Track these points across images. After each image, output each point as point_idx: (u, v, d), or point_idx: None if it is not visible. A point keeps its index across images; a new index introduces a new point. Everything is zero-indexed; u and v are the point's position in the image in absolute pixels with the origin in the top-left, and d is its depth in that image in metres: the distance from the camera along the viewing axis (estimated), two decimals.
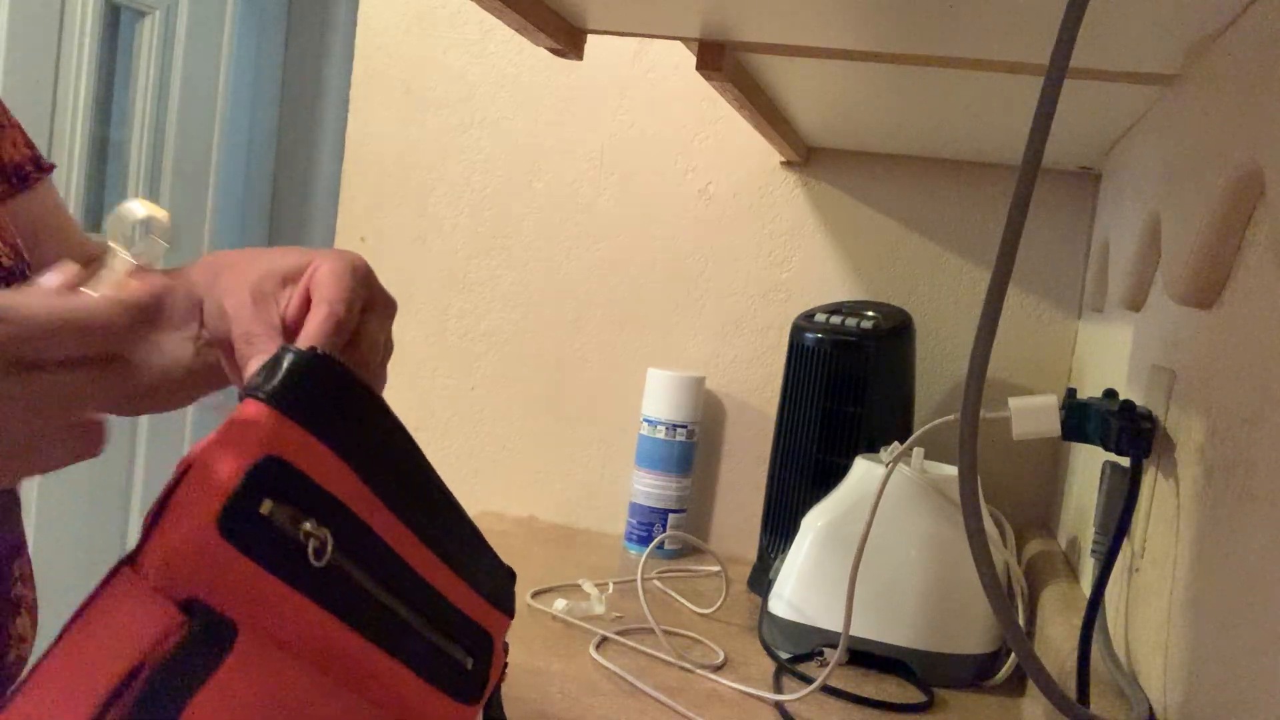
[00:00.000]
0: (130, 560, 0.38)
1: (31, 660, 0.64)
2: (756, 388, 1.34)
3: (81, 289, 0.41)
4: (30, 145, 0.74)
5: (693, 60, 0.86)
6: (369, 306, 0.54)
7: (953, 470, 1.02)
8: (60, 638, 0.36)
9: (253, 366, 0.49)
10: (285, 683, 0.41)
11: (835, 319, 1.15)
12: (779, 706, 0.86)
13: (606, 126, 1.38)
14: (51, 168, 0.74)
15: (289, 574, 0.41)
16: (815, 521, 1.00)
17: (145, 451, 2.46)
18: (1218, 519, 0.55)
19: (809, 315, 1.17)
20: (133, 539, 2.93)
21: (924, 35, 0.74)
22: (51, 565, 2.25)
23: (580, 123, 1.39)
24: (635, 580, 1.06)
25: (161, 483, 0.38)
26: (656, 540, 1.26)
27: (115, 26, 2.37)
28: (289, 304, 0.53)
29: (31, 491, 2.24)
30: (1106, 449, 0.70)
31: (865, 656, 0.96)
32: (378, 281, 0.55)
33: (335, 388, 0.45)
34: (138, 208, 0.47)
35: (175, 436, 2.53)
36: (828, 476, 1.10)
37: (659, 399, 1.28)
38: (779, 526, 1.17)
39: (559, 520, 1.41)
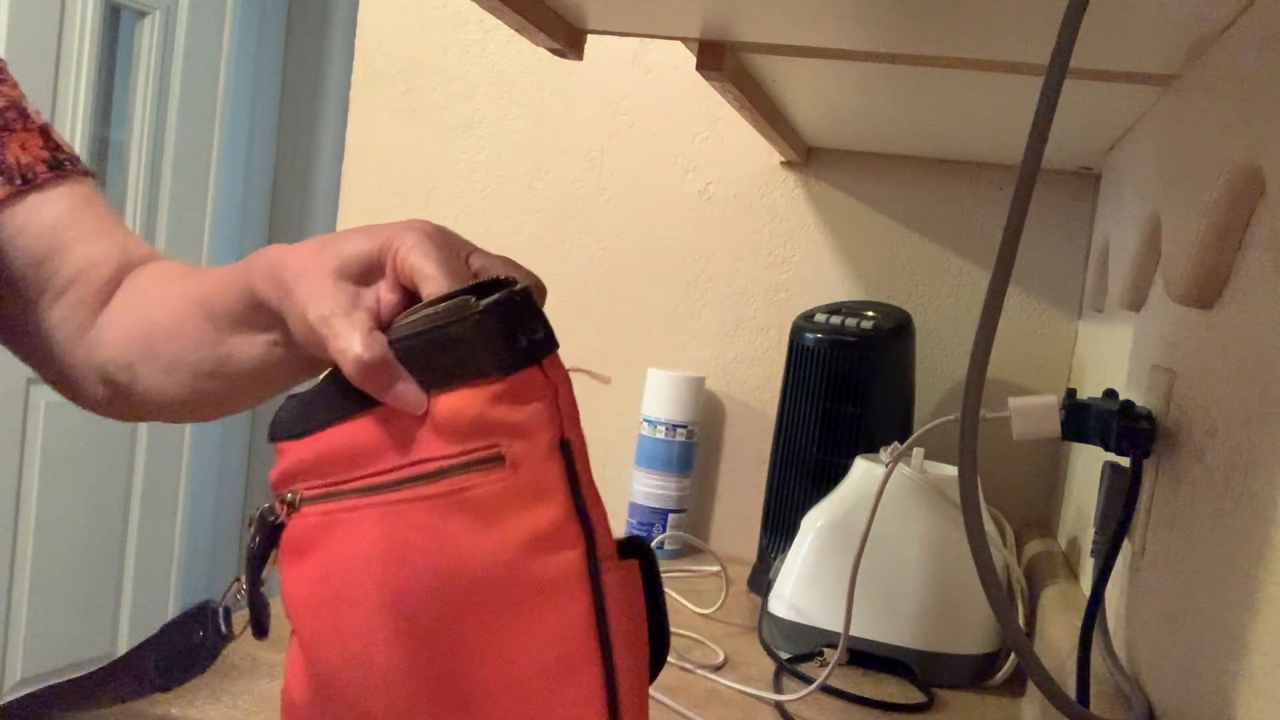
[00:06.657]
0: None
1: None
2: (756, 388, 1.34)
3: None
4: (51, 147, 0.71)
5: (693, 60, 0.86)
6: (471, 254, 0.54)
7: (953, 470, 1.02)
8: None
9: (333, 347, 0.49)
10: None
11: (835, 319, 1.15)
12: (779, 706, 0.86)
13: (606, 126, 1.38)
14: (75, 172, 0.71)
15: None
16: (815, 521, 1.00)
17: (145, 452, 2.46)
18: (1218, 519, 0.55)
19: (809, 315, 1.17)
20: (133, 539, 2.92)
21: (924, 35, 0.74)
22: (52, 565, 2.25)
23: (580, 123, 1.39)
24: None
25: (161, 482, 0.38)
26: (656, 540, 1.26)
27: (115, 26, 2.37)
28: (381, 296, 0.52)
29: (32, 491, 2.24)
30: (1106, 449, 0.70)
31: (865, 656, 0.96)
32: (456, 235, 0.55)
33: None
34: None
35: (175, 437, 2.53)
36: (828, 476, 1.10)
37: (659, 399, 1.28)
38: (779, 526, 1.17)
39: None
